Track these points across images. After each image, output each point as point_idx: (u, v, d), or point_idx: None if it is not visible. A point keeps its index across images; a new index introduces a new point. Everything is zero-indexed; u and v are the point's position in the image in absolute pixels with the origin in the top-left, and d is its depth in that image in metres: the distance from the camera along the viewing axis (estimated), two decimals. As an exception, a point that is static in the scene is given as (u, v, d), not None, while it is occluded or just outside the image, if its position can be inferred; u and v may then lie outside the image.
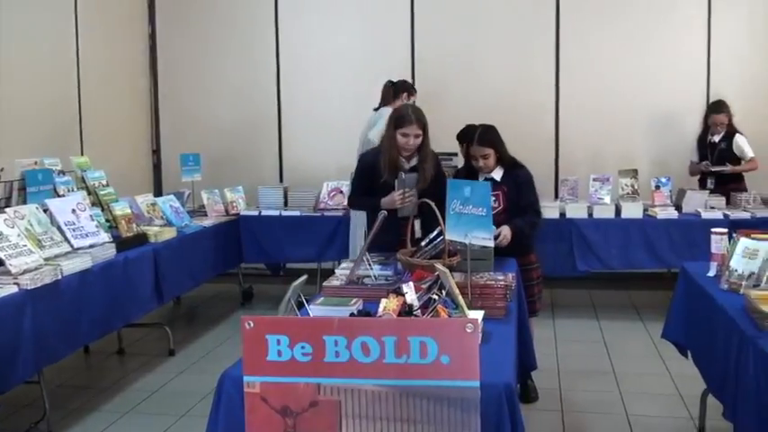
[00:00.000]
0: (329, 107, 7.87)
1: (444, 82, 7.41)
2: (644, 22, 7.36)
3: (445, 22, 7.66)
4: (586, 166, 6.92)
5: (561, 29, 7.51)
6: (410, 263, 3.64)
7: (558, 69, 7.55)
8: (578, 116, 7.51)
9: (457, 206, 3.49)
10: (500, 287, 3.24)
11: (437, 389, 2.05)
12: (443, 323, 2.28)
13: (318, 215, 6.65)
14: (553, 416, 4.40)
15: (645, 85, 7.29)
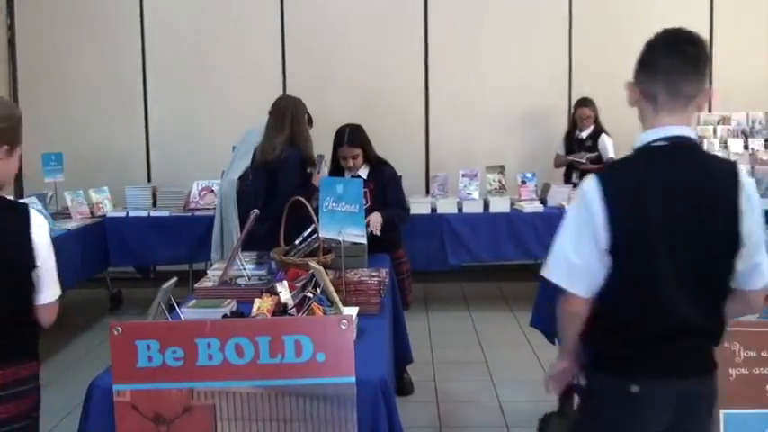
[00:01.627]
0: (197, 105, 7.71)
1: (314, 84, 7.40)
2: (511, 22, 7.59)
3: (314, 23, 7.64)
4: (456, 163, 7.07)
5: (429, 28, 7.65)
6: (284, 261, 3.62)
7: (427, 68, 7.69)
8: (447, 114, 7.67)
9: (330, 204, 3.50)
10: (374, 283, 3.28)
11: (313, 387, 2.06)
12: (318, 321, 2.29)
13: (189, 215, 6.50)
14: (428, 407, 4.49)
15: (512, 84, 7.52)
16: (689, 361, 2.01)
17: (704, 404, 2.05)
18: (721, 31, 7.69)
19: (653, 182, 1.99)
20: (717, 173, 2.01)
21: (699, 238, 1.96)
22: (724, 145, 6.75)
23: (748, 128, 6.88)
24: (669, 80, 2.00)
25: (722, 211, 1.97)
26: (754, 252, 2.01)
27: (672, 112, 2.02)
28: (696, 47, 2.01)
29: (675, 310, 1.97)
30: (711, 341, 2.04)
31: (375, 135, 5.24)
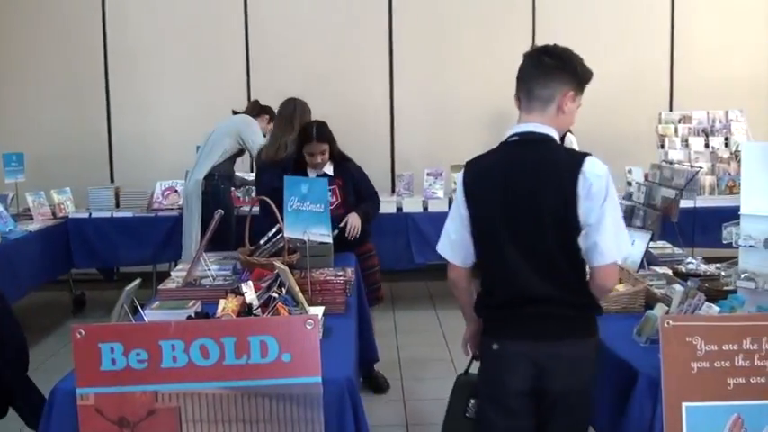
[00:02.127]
0: (160, 104, 7.63)
1: (278, 83, 7.35)
2: (476, 22, 7.63)
3: (279, 21, 7.61)
4: (421, 162, 7.08)
5: (394, 27, 7.66)
6: (249, 261, 3.61)
7: (392, 67, 7.69)
8: (413, 113, 7.68)
9: (294, 203, 3.49)
10: (339, 282, 3.28)
11: (279, 387, 2.05)
12: (283, 321, 2.29)
13: (152, 216, 6.43)
14: (395, 405, 4.50)
15: (477, 83, 7.56)
16: (540, 325, 2.32)
17: (565, 364, 2.31)
18: (682, 33, 7.82)
19: (497, 170, 2.38)
20: (557, 164, 2.31)
21: (534, 218, 2.28)
22: (685, 143, 6.84)
23: (709, 126, 6.98)
24: (527, 86, 2.39)
25: (557, 196, 2.25)
26: (592, 233, 2.26)
27: (530, 113, 2.38)
28: (553, 58, 2.37)
29: (519, 281, 2.32)
30: (567, 310, 2.32)
31: (340, 134, 5.22)
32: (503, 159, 2.40)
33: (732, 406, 2.22)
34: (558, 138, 2.40)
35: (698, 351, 2.22)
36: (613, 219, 2.28)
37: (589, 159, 2.29)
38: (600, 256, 2.28)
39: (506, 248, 2.32)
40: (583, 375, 2.37)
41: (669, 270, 3.59)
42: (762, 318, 2.35)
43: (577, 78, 2.40)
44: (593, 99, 7.30)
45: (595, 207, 2.25)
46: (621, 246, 2.33)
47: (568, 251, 2.30)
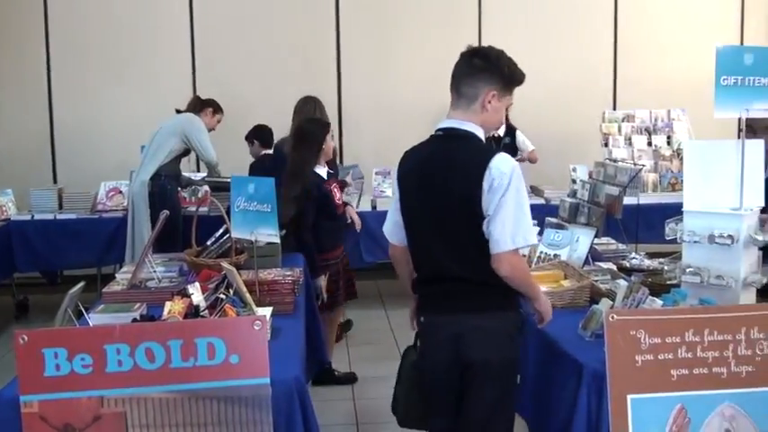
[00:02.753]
0: (104, 104, 7.50)
1: (224, 81, 7.30)
2: (425, 19, 7.67)
3: (225, 20, 7.54)
4: (370, 161, 7.09)
5: (342, 26, 7.65)
6: (196, 263, 3.57)
7: (340, 66, 7.69)
8: (361, 112, 7.69)
9: (241, 203, 3.46)
10: (288, 282, 3.27)
11: (227, 389, 2.04)
12: (231, 322, 2.27)
13: (96, 217, 6.32)
14: (345, 404, 4.50)
15: (426, 82, 7.56)
16: (455, 300, 2.54)
17: (480, 335, 2.51)
18: (625, 34, 7.97)
19: (421, 161, 2.60)
20: (469, 158, 2.49)
21: (446, 206, 2.49)
22: (628, 142, 6.97)
23: (651, 125, 7.12)
24: (455, 84, 2.58)
25: (466, 187, 2.44)
26: (490, 222, 2.43)
27: (456, 109, 2.58)
28: (482, 59, 2.54)
29: (435, 260, 2.55)
30: (477, 287, 2.52)
31: (287, 134, 5.21)
32: (427, 151, 2.62)
33: (676, 397, 2.27)
34: (482, 133, 2.56)
35: (642, 344, 2.26)
36: (510, 211, 2.43)
37: (498, 156, 2.47)
38: (494, 244, 2.44)
39: (425, 232, 2.57)
40: (500, 348, 2.54)
41: (613, 265, 3.66)
42: (703, 310, 2.40)
43: (504, 79, 2.55)
44: (539, 99, 7.47)
45: (495, 199, 2.41)
46: (517, 237, 2.44)
47: (476, 236, 2.47)
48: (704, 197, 2.91)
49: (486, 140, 6.83)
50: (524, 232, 2.47)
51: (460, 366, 2.55)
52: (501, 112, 2.62)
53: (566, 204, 4.61)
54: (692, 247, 2.89)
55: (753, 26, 8.18)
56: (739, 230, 2.80)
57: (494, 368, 2.53)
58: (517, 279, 2.52)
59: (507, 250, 2.43)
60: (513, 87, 2.61)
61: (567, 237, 3.74)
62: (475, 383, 2.55)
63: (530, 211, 2.51)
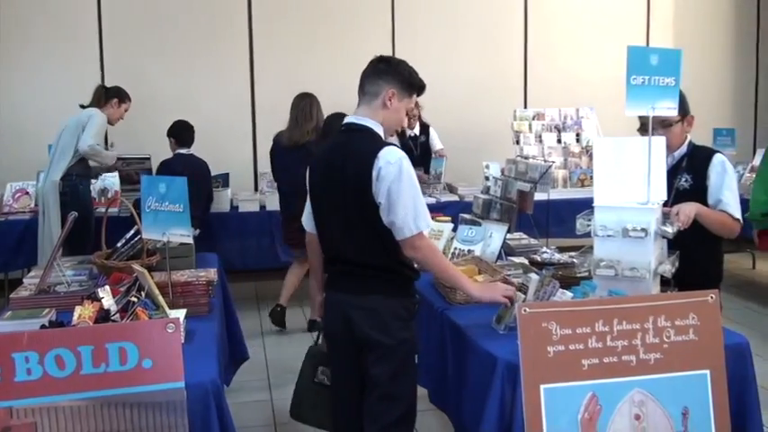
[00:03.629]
0: (7, 101, 7.23)
1: (134, 77, 7.12)
2: (334, 22, 7.69)
3: (135, 15, 7.37)
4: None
5: (254, 25, 7.59)
6: (106, 265, 3.47)
7: (253, 62, 7.63)
8: (275, 109, 7.61)
9: (152, 203, 3.38)
10: (202, 283, 3.21)
11: (141, 395, 2.00)
12: (143, 326, 2.22)
13: (2, 220, 6.08)
14: (263, 406, 4.47)
15: (337, 81, 7.54)
16: (348, 281, 2.75)
17: (370, 316, 2.69)
18: (535, 34, 8.15)
19: (326, 154, 2.84)
20: (360, 151, 2.68)
21: (343, 194, 2.68)
22: (539, 139, 7.13)
23: (561, 123, 7.30)
24: (361, 84, 2.80)
25: (358, 176, 2.62)
26: (388, 212, 2.61)
27: (360, 105, 2.80)
28: (385, 63, 2.80)
29: (335, 244, 2.78)
30: (366, 270, 2.71)
31: (201, 129, 5.13)
32: (331, 145, 2.89)
33: (587, 385, 2.33)
34: (380, 129, 2.76)
35: (553, 335, 2.32)
36: (408, 198, 2.61)
37: (387, 148, 2.65)
38: (399, 231, 2.62)
39: (327, 218, 2.80)
40: (390, 330, 2.70)
41: (525, 260, 3.73)
42: (612, 301, 2.47)
43: (403, 81, 2.77)
44: (454, 97, 7.56)
45: (383, 188, 2.60)
46: (418, 220, 2.62)
47: (370, 222, 2.65)
48: (614, 192, 3.00)
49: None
50: (424, 216, 2.66)
51: (354, 342, 2.75)
52: (401, 113, 2.81)
53: (479, 201, 4.69)
54: (604, 240, 2.97)
55: (658, 27, 8.49)
56: (650, 224, 2.91)
57: (388, 350, 2.70)
58: (429, 261, 2.72)
59: (413, 235, 2.61)
60: (412, 92, 2.82)
61: (481, 233, 3.79)
62: (369, 361, 2.73)
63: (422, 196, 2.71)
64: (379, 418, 2.73)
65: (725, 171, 3.21)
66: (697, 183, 3.23)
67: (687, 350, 2.42)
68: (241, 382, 4.57)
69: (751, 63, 8.88)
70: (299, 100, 5.92)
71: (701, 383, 2.42)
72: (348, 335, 2.75)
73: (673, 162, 3.30)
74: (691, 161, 3.29)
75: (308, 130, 5.70)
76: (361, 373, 2.77)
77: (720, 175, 3.21)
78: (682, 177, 3.27)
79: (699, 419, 2.39)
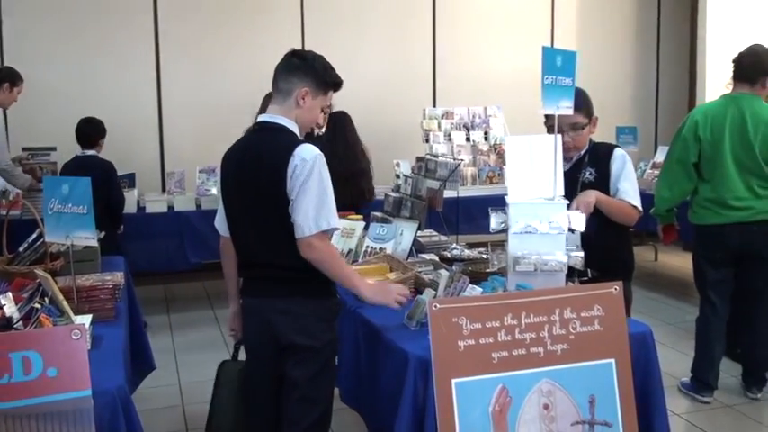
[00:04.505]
0: None
1: (38, 72, 6.88)
2: (241, 20, 7.61)
3: (39, 10, 7.11)
4: (193, 158, 6.92)
5: (160, 21, 7.43)
6: (7, 271, 3.35)
7: (159, 62, 7.47)
8: (182, 108, 7.50)
9: (55, 205, 3.27)
10: (108, 288, 3.13)
11: (46, 405, 1.93)
12: (47, 333, 2.14)
13: None
14: (174, 411, 4.39)
15: (246, 79, 7.47)
16: (265, 285, 2.70)
17: (290, 319, 2.66)
18: (444, 33, 8.25)
19: (238, 152, 2.76)
20: (276, 147, 2.63)
21: (257, 194, 2.63)
22: (448, 137, 7.22)
23: (470, 122, 7.42)
24: (275, 80, 2.76)
25: (273, 174, 2.58)
26: (294, 209, 2.57)
27: (273, 104, 2.75)
28: (299, 59, 2.73)
29: (249, 247, 2.73)
30: (287, 273, 2.66)
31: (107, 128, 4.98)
32: (243, 144, 2.82)
33: (497, 378, 2.37)
34: (295, 128, 2.71)
35: (464, 330, 2.35)
36: (313, 197, 2.56)
37: (303, 145, 2.62)
38: (299, 229, 2.56)
39: (240, 220, 2.73)
40: (314, 333, 2.68)
41: (436, 257, 3.78)
42: (520, 295, 2.52)
43: (317, 79, 2.71)
44: (364, 96, 7.59)
45: (297, 185, 2.56)
46: (320, 220, 2.57)
47: (284, 223, 2.59)
48: (525, 189, 3.08)
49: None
50: (327, 216, 2.59)
51: (275, 347, 2.70)
52: (315, 111, 2.76)
53: (390, 199, 4.71)
54: (518, 237, 3.03)
55: (562, 28, 8.73)
56: (563, 218, 2.99)
57: (309, 352, 2.68)
58: (325, 263, 2.63)
59: (312, 234, 2.56)
60: (327, 89, 2.76)
61: (392, 230, 3.82)
62: (289, 363, 2.69)
63: (333, 196, 2.63)
64: (299, 421, 2.71)
65: (624, 164, 3.40)
66: (600, 175, 3.39)
67: (593, 340, 2.50)
68: (150, 388, 4.48)
69: (652, 62, 9.23)
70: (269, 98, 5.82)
71: (607, 372, 2.50)
72: (269, 339, 2.70)
73: (577, 158, 3.46)
74: (593, 156, 3.44)
75: None
76: (279, 376, 2.73)
77: (620, 167, 3.39)
78: (586, 171, 3.41)
79: (605, 406, 2.47)
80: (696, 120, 4.26)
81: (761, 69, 4.21)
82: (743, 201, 4.19)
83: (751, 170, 4.18)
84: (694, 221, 4.39)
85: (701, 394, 4.44)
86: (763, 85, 4.23)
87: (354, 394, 3.07)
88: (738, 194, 4.19)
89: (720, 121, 4.20)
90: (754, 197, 4.19)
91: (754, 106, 4.19)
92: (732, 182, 4.19)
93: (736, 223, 4.21)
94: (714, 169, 4.23)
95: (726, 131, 4.18)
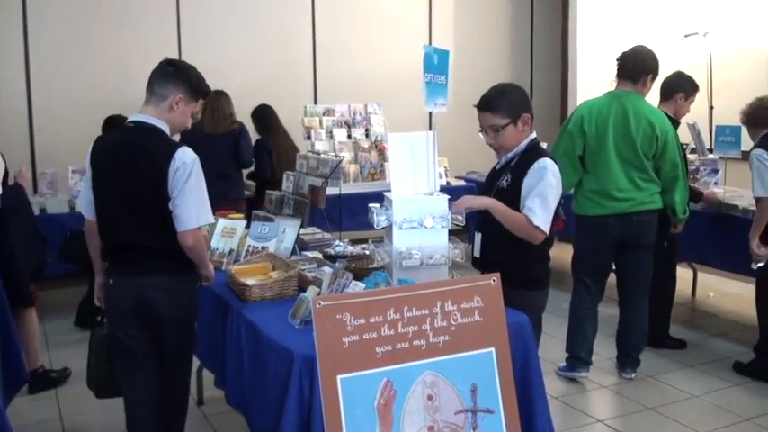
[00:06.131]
0: None
1: None
2: (115, 18, 7.39)
3: None
4: (66, 158, 6.62)
5: (29, 21, 7.10)
6: None
7: (28, 58, 7.14)
8: (52, 105, 7.20)
9: None
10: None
11: None
12: None
13: None
14: (52, 425, 4.21)
15: (115, 78, 7.27)
16: (141, 264, 2.98)
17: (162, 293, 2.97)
18: (324, 31, 8.26)
19: (115, 147, 3.02)
20: (158, 148, 2.91)
21: (136, 187, 2.91)
22: (330, 134, 7.22)
23: (351, 119, 7.44)
24: (150, 84, 3.02)
25: (154, 172, 2.87)
26: (177, 206, 2.88)
27: (147, 105, 3.01)
28: (174, 68, 3.02)
29: (125, 232, 2.97)
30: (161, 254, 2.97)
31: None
32: (121, 139, 3.07)
33: (382, 372, 2.40)
34: (168, 129, 3.00)
35: (348, 326, 2.36)
36: (194, 196, 2.89)
37: (182, 149, 2.90)
38: (182, 223, 2.89)
39: (117, 209, 2.97)
40: (181, 304, 3.04)
41: (319, 254, 3.77)
42: (402, 290, 2.55)
43: (191, 87, 3.01)
44: (244, 95, 7.50)
45: (178, 185, 2.87)
46: (200, 217, 2.92)
47: (161, 213, 2.90)
48: (406, 185, 3.12)
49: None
50: (205, 213, 2.95)
51: (149, 322, 3.01)
52: (186, 116, 3.06)
53: (272, 197, 4.68)
54: (404, 232, 3.07)
55: (439, 26, 8.88)
56: (446, 213, 3.05)
57: (180, 324, 3.05)
58: (198, 250, 2.99)
59: (193, 228, 2.90)
60: (198, 97, 3.08)
61: (274, 229, 3.79)
62: (164, 336, 3.04)
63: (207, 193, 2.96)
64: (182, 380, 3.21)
65: (540, 179, 3.14)
66: (514, 183, 3.21)
67: (473, 331, 2.55)
68: (25, 399, 4.30)
69: (526, 61, 9.51)
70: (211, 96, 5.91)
71: (488, 360, 2.57)
72: (142, 313, 2.99)
73: (506, 161, 3.31)
74: (520, 162, 3.24)
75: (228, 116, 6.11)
76: (154, 345, 3.06)
77: (533, 182, 3.15)
78: (505, 177, 3.26)
79: (487, 394, 2.53)
80: (582, 115, 4.46)
81: (642, 69, 4.46)
82: (624, 192, 4.40)
83: (632, 163, 4.40)
84: (578, 212, 4.58)
85: (578, 370, 4.66)
86: (644, 84, 4.49)
87: (239, 396, 3.02)
88: (620, 186, 4.39)
89: (604, 116, 4.40)
90: (635, 189, 4.41)
91: (637, 103, 4.42)
92: (614, 174, 4.39)
93: (618, 214, 4.41)
94: (598, 162, 4.42)
95: (609, 126, 4.38)
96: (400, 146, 3.18)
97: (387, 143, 6.57)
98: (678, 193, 4.51)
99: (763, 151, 4.41)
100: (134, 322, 3.02)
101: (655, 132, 4.36)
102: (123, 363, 3.10)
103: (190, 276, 3.09)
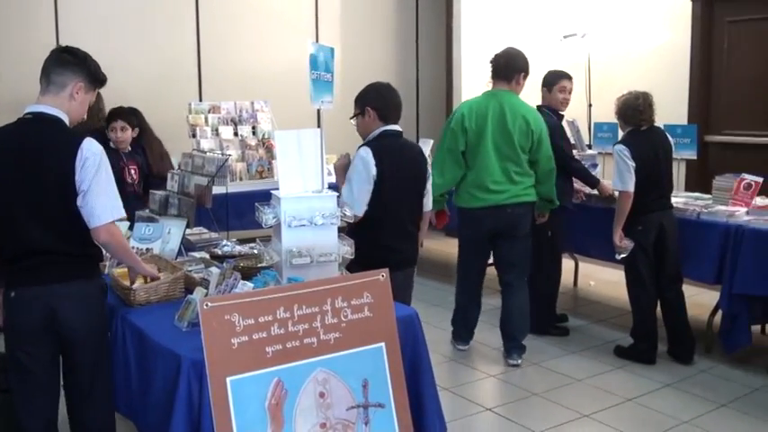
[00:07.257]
0: None
1: None
2: None
3: None
4: None
5: None
6: None
7: None
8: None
9: None
10: None
11: None
12: None
13: None
14: None
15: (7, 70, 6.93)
16: (48, 271, 2.71)
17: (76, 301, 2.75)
18: (208, 26, 8.10)
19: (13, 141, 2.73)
20: (62, 140, 2.73)
21: (41, 183, 2.67)
22: (216, 132, 7.09)
23: (237, 116, 7.33)
24: (46, 73, 2.81)
25: (60, 165, 2.67)
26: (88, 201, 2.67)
27: (44, 95, 2.79)
28: (71, 55, 2.84)
29: (28, 236, 2.69)
30: (70, 258, 2.75)
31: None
32: (19, 132, 2.77)
33: (272, 372, 2.39)
34: (68, 120, 2.80)
35: (237, 327, 2.34)
36: (105, 189, 2.72)
37: (88, 140, 2.73)
38: (96, 218, 2.69)
39: (17, 209, 2.70)
40: (92, 311, 2.81)
41: (206, 254, 3.71)
42: (291, 288, 2.55)
43: (91, 75, 2.85)
44: (129, 90, 7.27)
45: (87, 178, 2.67)
46: (114, 210, 2.75)
47: (69, 210, 2.69)
48: (295, 183, 3.11)
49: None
50: (118, 207, 2.77)
51: (56, 334, 2.75)
52: (85, 106, 2.89)
53: (156, 197, 4.56)
54: (294, 230, 3.05)
55: (326, 24, 8.86)
56: (335, 210, 3.06)
57: (90, 332, 2.80)
58: (116, 245, 2.82)
59: (108, 222, 2.72)
60: (96, 85, 2.92)
61: (159, 229, 3.70)
62: (74, 346, 2.79)
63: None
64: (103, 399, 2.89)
65: (354, 166, 3.64)
66: None
67: (363, 327, 2.58)
68: None
69: (411, 60, 9.59)
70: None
71: (378, 355, 2.60)
72: (49, 329, 2.74)
73: None
74: None
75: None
76: (58, 365, 2.84)
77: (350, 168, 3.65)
78: None
79: (378, 388, 2.57)
80: (463, 113, 4.66)
81: (514, 68, 4.69)
82: (500, 185, 4.61)
83: (509, 157, 4.60)
84: (458, 204, 4.79)
85: (458, 343, 5.06)
86: (518, 82, 4.73)
87: (127, 402, 2.93)
88: (496, 179, 4.60)
89: (483, 113, 4.61)
90: (509, 182, 4.62)
91: (512, 101, 4.65)
92: (492, 167, 4.59)
93: (493, 206, 4.61)
94: (477, 156, 4.62)
95: (488, 123, 4.58)
96: (288, 143, 3.16)
97: (274, 140, 6.51)
98: (554, 183, 4.82)
99: (624, 147, 4.68)
100: (37, 339, 2.75)
101: (530, 127, 4.61)
102: (21, 386, 2.81)
103: (97, 279, 2.88)
